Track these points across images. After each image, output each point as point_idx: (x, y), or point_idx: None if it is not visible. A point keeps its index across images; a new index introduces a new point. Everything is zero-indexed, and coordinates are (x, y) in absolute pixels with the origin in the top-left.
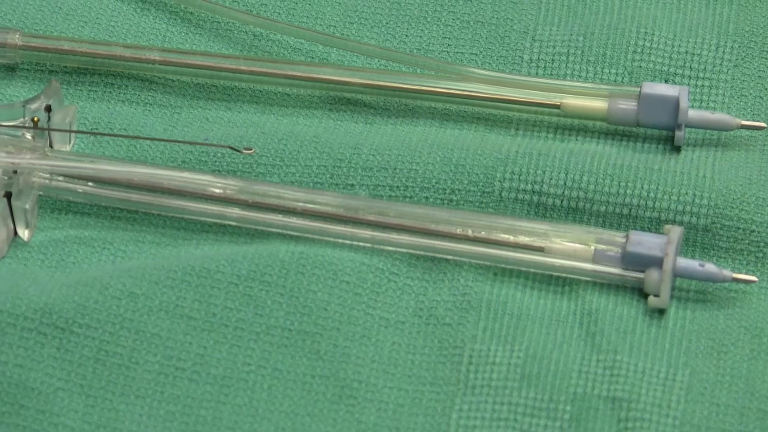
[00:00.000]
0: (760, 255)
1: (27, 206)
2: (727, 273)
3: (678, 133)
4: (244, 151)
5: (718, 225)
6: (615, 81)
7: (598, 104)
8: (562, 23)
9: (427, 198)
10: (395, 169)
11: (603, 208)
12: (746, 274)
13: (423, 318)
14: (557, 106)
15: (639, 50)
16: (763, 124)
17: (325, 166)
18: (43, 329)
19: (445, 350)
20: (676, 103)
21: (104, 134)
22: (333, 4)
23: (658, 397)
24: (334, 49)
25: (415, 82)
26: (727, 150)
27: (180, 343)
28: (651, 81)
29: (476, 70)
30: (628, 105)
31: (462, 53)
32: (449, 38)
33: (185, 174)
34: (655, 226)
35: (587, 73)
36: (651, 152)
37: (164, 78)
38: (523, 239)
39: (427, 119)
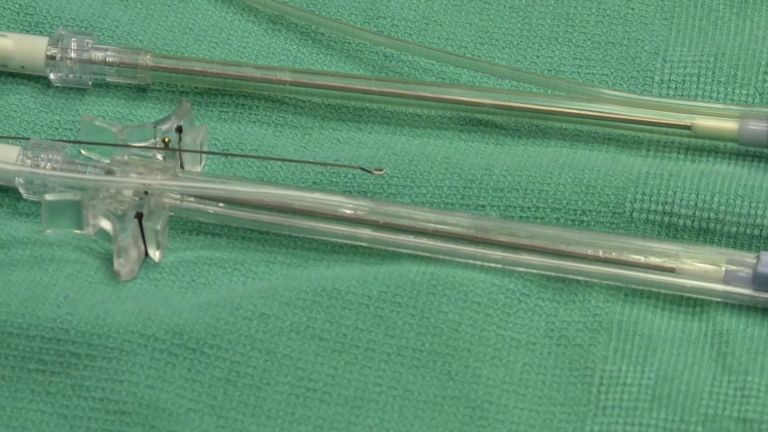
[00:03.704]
0: None
1: (158, 227)
2: None
3: None
4: (375, 172)
5: None
6: (746, 102)
7: (729, 125)
8: (693, 44)
9: (557, 219)
10: (526, 189)
11: (734, 229)
12: None
13: (554, 339)
14: (688, 127)
15: None
16: None
17: (456, 186)
18: (174, 350)
19: (576, 371)
20: None
21: (235, 155)
22: (464, 25)
23: None
24: (465, 69)
25: (545, 102)
26: None
27: (311, 364)
28: None
29: (607, 91)
30: (759, 126)
31: (593, 74)
32: (580, 59)
33: (316, 195)
34: None
35: (718, 93)
36: None
37: (295, 99)
38: (653, 260)
39: (558, 140)
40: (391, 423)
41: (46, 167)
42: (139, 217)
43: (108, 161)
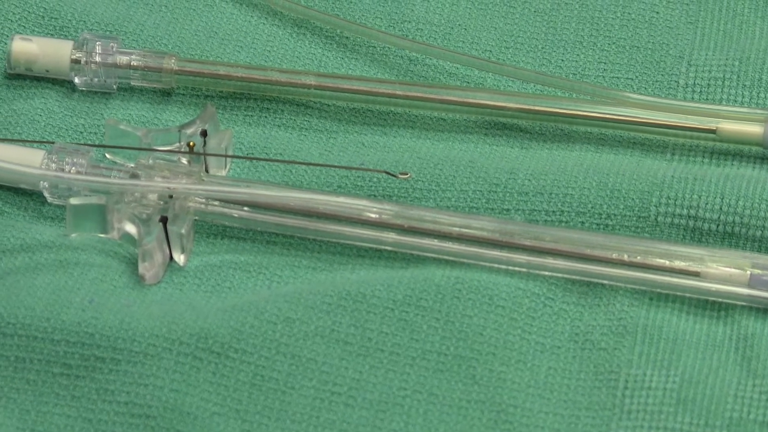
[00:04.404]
0: None
1: (183, 231)
2: None
3: None
4: (399, 176)
5: None
6: None
7: (754, 129)
8: (718, 48)
9: (582, 223)
10: (551, 193)
11: (759, 233)
12: None
13: (579, 343)
14: (713, 131)
15: None
16: None
17: (481, 190)
18: (199, 354)
19: (600, 375)
20: None
21: (260, 159)
22: (489, 29)
23: None
24: (490, 73)
25: (570, 106)
26: None
27: (335, 368)
28: None
29: (632, 95)
30: None
31: (617, 78)
32: (605, 63)
33: (341, 199)
34: None
35: (743, 97)
36: None
37: (320, 103)
38: (678, 264)
39: (583, 144)
40: (415, 427)
41: (71, 171)
42: (164, 221)
43: (133, 165)
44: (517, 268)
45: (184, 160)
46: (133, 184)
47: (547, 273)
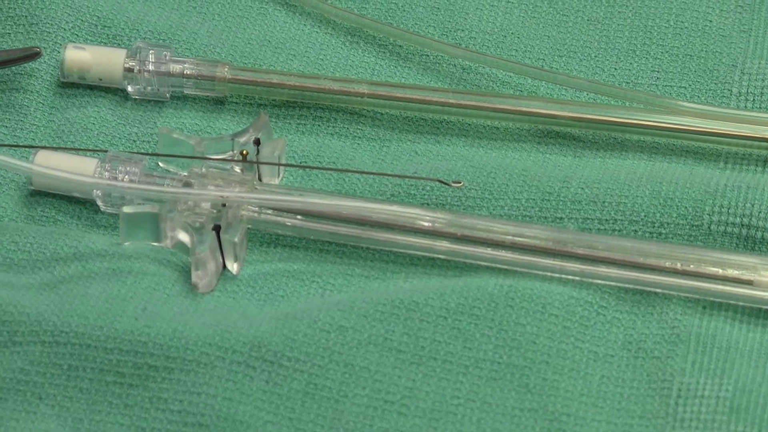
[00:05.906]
0: None
1: (236, 240)
2: None
3: None
4: (452, 185)
5: None
6: None
7: None
8: None
9: (635, 231)
10: (604, 202)
11: None
12: None
13: (632, 351)
14: (766, 140)
15: None
16: None
17: (534, 199)
18: (252, 362)
19: (653, 383)
20: None
21: (313, 168)
22: (542, 38)
23: None
24: (543, 82)
25: (623, 115)
26: None
27: (389, 377)
28: None
29: (685, 104)
30: None
31: (670, 86)
32: (658, 71)
33: (394, 207)
34: None
35: None
36: None
37: (373, 111)
38: (731, 272)
39: (636, 152)
40: None
41: (124, 180)
42: (217, 229)
43: (186, 174)
44: (570, 277)
45: (237, 169)
46: (186, 192)
47: (600, 281)
